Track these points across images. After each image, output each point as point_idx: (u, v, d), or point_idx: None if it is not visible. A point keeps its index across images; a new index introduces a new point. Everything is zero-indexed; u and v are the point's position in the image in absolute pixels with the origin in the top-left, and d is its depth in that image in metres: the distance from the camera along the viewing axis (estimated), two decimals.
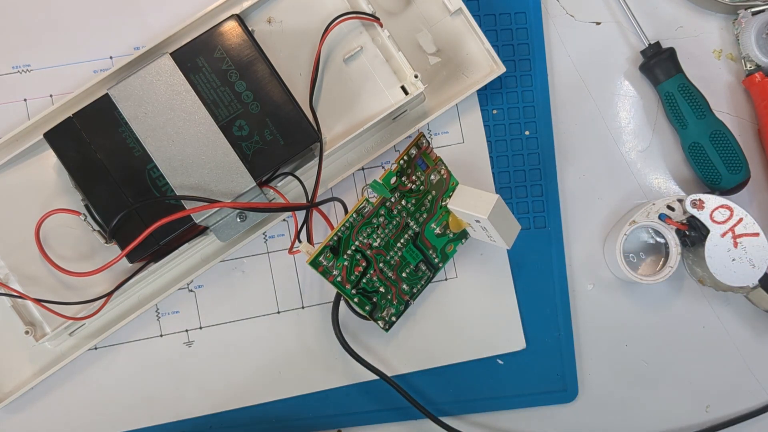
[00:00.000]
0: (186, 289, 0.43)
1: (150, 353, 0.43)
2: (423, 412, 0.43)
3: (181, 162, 0.37)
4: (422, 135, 0.39)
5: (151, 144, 0.37)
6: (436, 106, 0.44)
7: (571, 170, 0.47)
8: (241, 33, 0.39)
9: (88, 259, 0.41)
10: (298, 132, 0.38)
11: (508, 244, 0.41)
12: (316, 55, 0.41)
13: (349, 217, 0.38)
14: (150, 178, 0.38)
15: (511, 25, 0.46)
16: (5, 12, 0.44)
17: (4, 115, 0.43)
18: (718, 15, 0.48)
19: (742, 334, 0.46)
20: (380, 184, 0.38)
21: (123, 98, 0.37)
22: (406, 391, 0.42)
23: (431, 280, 0.43)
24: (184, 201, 0.37)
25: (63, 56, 0.44)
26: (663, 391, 0.46)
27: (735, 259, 0.43)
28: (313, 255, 0.37)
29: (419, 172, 0.39)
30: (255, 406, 0.43)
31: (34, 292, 0.40)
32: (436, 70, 0.44)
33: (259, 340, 0.43)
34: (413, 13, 0.44)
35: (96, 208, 0.38)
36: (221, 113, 0.38)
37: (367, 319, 0.41)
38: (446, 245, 0.42)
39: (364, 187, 0.39)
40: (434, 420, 0.43)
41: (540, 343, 0.45)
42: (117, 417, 0.42)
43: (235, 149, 0.37)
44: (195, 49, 0.38)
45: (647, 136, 0.47)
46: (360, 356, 0.41)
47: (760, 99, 0.46)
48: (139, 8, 0.44)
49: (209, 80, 0.38)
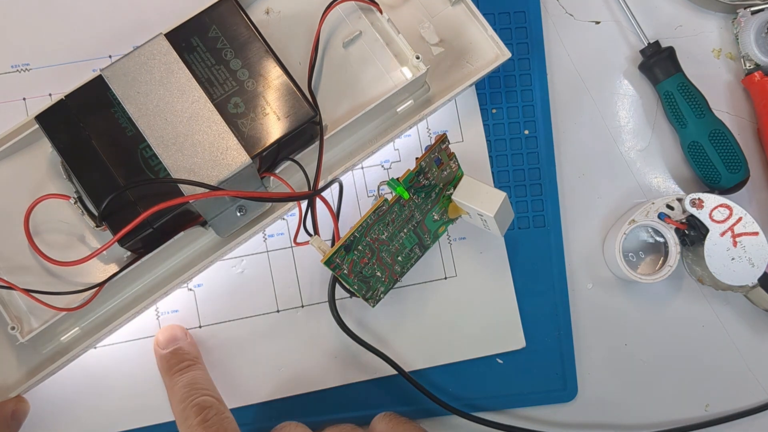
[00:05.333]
0: (185, 288, 0.43)
1: (150, 352, 0.43)
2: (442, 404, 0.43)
3: (175, 140, 0.36)
4: (445, 136, 0.39)
5: (144, 122, 0.36)
6: (440, 93, 0.43)
7: (571, 169, 0.47)
8: (237, 11, 0.38)
9: (82, 253, 0.40)
10: (295, 107, 0.38)
11: (501, 234, 0.42)
12: (315, 37, 0.41)
13: (367, 218, 0.37)
14: (143, 158, 0.37)
15: (510, 25, 0.46)
16: (5, 11, 0.44)
17: (3, 114, 0.43)
18: (718, 14, 0.49)
19: (742, 333, 0.46)
20: (399, 186, 0.38)
21: (116, 79, 0.37)
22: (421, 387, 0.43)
23: (420, 258, 0.43)
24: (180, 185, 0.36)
25: (62, 55, 0.44)
26: (662, 390, 0.46)
27: (734, 258, 0.43)
28: (328, 255, 0.37)
29: (434, 169, 0.39)
30: (255, 405, 0.43)
31: (24, 283, 0.38)
32: (439, 60, 0.44)
33: (258, 338, 0.43)
34: (414, 5, 0.44)
35: (87, 189, 0.37)
36: (216, 91, 0.38)
37: (355, 296, 0.41)
38: (439, 227, 0.42)
39: (381, 184, 0.39)
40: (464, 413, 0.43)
41: (539, 342, 0.45)
42: (116, 417, 0.42)
43: (231, 126, 0.37)
44: (190, 29, 0.38)
45: (646, 136, 0.47)
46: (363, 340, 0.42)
47: (759, 98, 0.46)
48: (138, 7, 0.44)
49: (204, 59, 0.38)
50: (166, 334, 0.42)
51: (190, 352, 0.41)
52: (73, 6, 0.44)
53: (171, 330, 0.42)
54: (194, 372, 0.40)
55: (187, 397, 0.37)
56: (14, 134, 0.39)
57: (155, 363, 0.42)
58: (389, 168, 0.45)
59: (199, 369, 0.40)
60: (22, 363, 0.40)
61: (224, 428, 0.36)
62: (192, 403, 0.37)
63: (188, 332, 0.43)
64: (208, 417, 0.36)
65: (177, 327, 0.42)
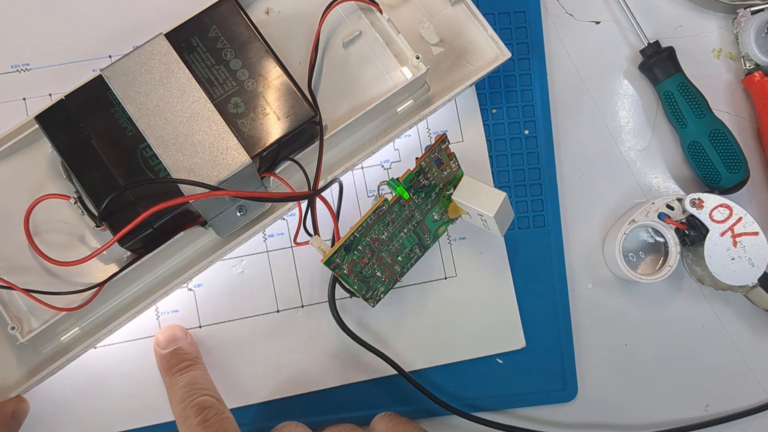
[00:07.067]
0: (185, 288, 0.43)
1: (150, 352, 0.43)
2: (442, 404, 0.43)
3: (175, 140, 0.36)
4: (445, 136, 0.39)
5: (144, 122, 0.36)
6: (440, 93, 0.43)
7: (571, 169, 0.47)
8: (237, 11, 0.38)
9: (82, 253, 0.40)
10: (295, 107, 0.38)
11: (501, 234, 0.42)
12: (315, 37, 0.41)
13: (367, 218, 0.37)
14: (143, 158, 0.37)
15: (510, 25, 0.46)
16: (5, 11, 0.44)
17: (3, 114, 0.43)
18: (718, 14, 0.49)
19: (742, 333, 0.46)
20: (399, 186, 0.38)
21: (116, 79, 0.37)
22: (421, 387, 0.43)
23: (420, 259, 0.43)
24: (180, 185, 0.36)
25: (62, 55, 0.44)
26: (662, 390, 0.46)
27: (734, 258, 0.43)
28: (327, 255, 0.37)
29: (434, 169, 0.39)
30: (255, 405, 0.43)
31: (24, 283, 0.38)
32: (439, 60, 0.44)
33: (258, 338, 0.43)
34: (414, 5, 0.44)
35: (87, 189, 0.37)
36: (216, 91, 0.38)
37: (355, 296, 0.41)
38: (439, 227, 0.42)
39: (381, 184, 0.39)
40: (464, 413, 0.43)
41: (539, 342, 0.45)
42: (116, 417, 0.42)
43: (231, 126, 0.37)
44: (190, 29, 0.38)
45: (646, 136, 0.47)
46: (363, 340, 0.42)
47: (759, 98, 0.46)
48: (138, 7, 0.44)
49: (204, 59, 0.38)
50: (166, 334, 0.42)
51: (190, 352, 0.41)
52: (73, 6, 0.44)
53: (171, 330, 0.42)
54: (194, 372, 0.40)
55: (187, 397, 0.37)
56: (14, 134, 0.39)
57: (155, 363, 0.42)
58: (389, 168, 0.45)
59: (199, 369, 0.40)
60: (22, 363, 0.40)
61: (224, 428, 0.36)
62: (192, 403, 0.37)
63: (188, 332, 0.43)
64: (208, 417, 0.36)
65: (177, 327, 0.42)
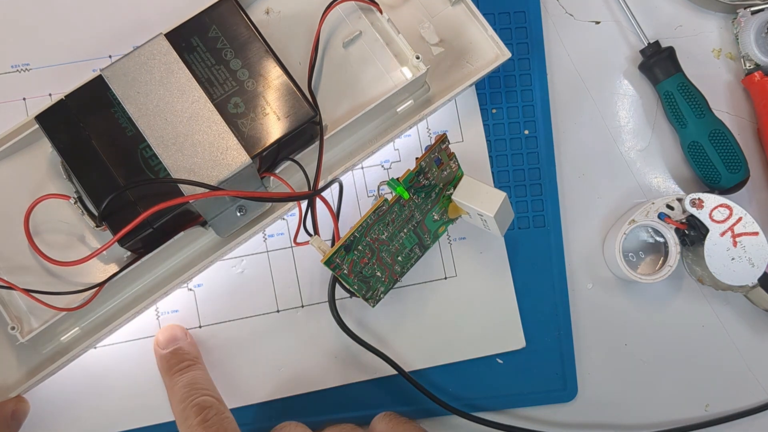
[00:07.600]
0: (185, 288, 0.43)
1: (150, 352, 0.43)
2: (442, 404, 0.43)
3: (175, 140, 0.36)
4: (445, 136, 0.39)
5: (144, 122, 0.36)
6: (440, 93, 0.43)
7: (571, 169, 0.47)
8: (237, 11, 0.38)
9: (82, 253, 0.40)
10: (295, 107, 0.38)
11: (501, 234, 0.42)
12: (315, 37, 0.41)
13: (367, 218, 0.37)
14: (143, 158, 0.37)
15: (510, 25, 0.46)
16: (5, 11, 0.44)
17: (3, 114, 0.43)
18: (718, 14, 0.49)
19: (742, 333, 0.46)
20: (399, 186, 0.38)
21: (116, 79, 0.37)
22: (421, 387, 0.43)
23: (420, 259, 0.43)
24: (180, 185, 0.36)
25: (62, 55, 0.44)
26: (662, 390, 0.46)
27: (734, 258, 0.43)
28: (327, 255, 0.37)
29: (434, 169, 0.39)
30: (255, 405, 0.43)
31: (24, 283, 0.38)
32: (439, 60, 0.44)
33: (258, 338, 0.43)
34: (414, 5, 0.44)
35: (87, 189, 0.37)
36: (216, 91, 0.38)
37: (355, 296, 0.41)
38: (439, 227, 0.42)
39: (381, 184, 0.39)
40: (464, 413, 0.43)
41: (539, 342, 0.45)
42: (116, 417, 0.42)
43: (231, 126, 0.37)
44: (190, 29, 0.38)
45: (646, 136, 0.47)
46: (363, 340, 0.42)
47: (759, 98, 0.46)
48: (138, 7, 0.44)
49: (204, 59, 0.38)
50: (166, 334, 0.42)
51: (190, 352, 0.41)
52: (73, 6, 0.44)
53: (171, 330, 0.42)
54: (194, 372, 0.40)
55: (187, 397, 0.37)
56: (14, 134, 0.39)
57: (155, 363, 0.42)
58: (389, 168, 0.45)
59: (199, 369, 0.40)
60: (22, 363, 0.40)
61: (224, 428, 0.36)
62: (192, 403, 0.37)
63: (188, 332, 0.43)
64: (208, 417, 0.36)
65: (177, 327, 0.42)
